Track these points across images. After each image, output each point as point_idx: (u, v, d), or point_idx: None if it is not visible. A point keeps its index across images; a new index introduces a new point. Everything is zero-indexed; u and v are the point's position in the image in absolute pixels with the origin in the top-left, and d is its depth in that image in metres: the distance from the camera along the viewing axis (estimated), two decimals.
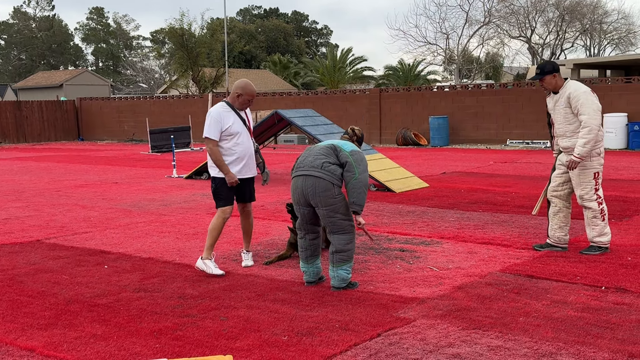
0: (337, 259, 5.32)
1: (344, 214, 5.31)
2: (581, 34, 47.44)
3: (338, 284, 5.33)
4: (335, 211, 5.28)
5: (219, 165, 5.94)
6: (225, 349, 4.07)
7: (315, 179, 5.26)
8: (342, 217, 5.31)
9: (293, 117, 12.37)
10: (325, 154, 5.37)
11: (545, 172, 13.23)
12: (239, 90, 5.99)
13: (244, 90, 5.98)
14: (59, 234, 7.96)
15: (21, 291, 5.45)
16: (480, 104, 22.04)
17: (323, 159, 5.33)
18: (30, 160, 19.48)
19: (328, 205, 5.25)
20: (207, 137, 5.91)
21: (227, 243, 7.21)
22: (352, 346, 4.09)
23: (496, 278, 5.56)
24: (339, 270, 5.32)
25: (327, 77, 47.47)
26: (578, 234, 7.20)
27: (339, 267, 5.32)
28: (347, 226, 5.34)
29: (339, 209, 5.29)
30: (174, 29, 32.59)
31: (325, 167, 5.28)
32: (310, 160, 5.38)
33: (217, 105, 6.02)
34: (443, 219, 8.38)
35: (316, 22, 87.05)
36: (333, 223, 5.30)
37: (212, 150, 5.91)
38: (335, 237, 5.34)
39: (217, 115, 5.92)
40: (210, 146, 5.92)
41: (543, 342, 4.08)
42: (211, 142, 5.91)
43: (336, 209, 5.27)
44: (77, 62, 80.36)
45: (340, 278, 5.32)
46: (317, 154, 5.40)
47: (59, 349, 4.13)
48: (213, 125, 5.90)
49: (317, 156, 5.38)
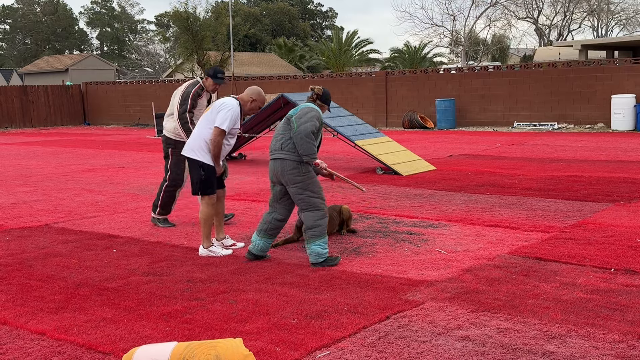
0: (310, 235, 5.52)
1: (312, 191, 5.52)
2: (589, 15, 47.00)
3: (315, 259, 5.51)
4: (304, 188, 5.50)
5: (216, 157, 5.98)
6: (235, 332, 4.09)
7: (281, 161, 5.54)
8: (311, 194, 5.52)
9: (299, 100, 12.33)
10: (283, 131, 5.63)
11: (553, 154, 13.18)
12: (254, 95, 6.07)
13: (259, 97, 6.09)
14: (67, 218, 7.99)
15: (30, 275, 5.48)
16: (487, 86, 21.92)
17: (281, 138, 5.59)
18: (36, 145, 19.52)
19: (296, 183, 5.50)
20: (221, 128, 5.88)
21: (235, 227, 7.22)
22: (361, 329, 4.09)
23: (504, 260, 5.55)
24: (312, 246, 5.51)
25: (332, 60, 47.21)
26: (586, 216, 7.18)
27: (312, 243, 5.51)
28: (317, 203, 5.54)
29: (308, 186, 5.51)
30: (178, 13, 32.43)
31: (285, 147, 5.53)
32: (274, 143, 5.67)
33: (235, 102, 6.00)
34: (450, 201, 8.36)
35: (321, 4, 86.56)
36: (302, 200, 5.53)
37: (219, 142, 5.93)
38: (307, 214, 5.54)
39: (237, 112, 5.96)
40: (219, 138, 5.92)
41: (552, 324, 4.07)
42: (221, 135, 5.92)
43: (304, 186, 5.50)
44: (82, 47, 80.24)
45: (316, 253, 5.50)
46: (278, 134, 5.67)
47: (69, 332, 4.15)
48: (231, 120, 5.92)
49: (277, 137, 5.65)
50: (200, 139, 6.01)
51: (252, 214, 7.89)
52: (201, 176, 6.01)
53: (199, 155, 5.99)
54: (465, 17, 41.35)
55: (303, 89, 25.00)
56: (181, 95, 7.27)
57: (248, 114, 6.17)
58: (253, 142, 14.70)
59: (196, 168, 6.02)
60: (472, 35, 41.24)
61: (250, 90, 6.11)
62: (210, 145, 5.95)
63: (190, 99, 7.16)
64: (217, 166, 6.03)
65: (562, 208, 7.72)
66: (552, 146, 14.85)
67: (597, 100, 19.93)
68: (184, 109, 7.19)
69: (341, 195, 9.08)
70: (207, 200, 6.05)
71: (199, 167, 6.01)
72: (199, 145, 6.00)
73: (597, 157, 12.65)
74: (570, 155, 12.99)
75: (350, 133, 11.68)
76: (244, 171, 11.98)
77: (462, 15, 55.71)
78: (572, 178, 9.93)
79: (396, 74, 24.48)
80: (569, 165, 11.53)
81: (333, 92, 24.19)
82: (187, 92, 7.23)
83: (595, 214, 7.35)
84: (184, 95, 7.25)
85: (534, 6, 44.59)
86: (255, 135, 13.47)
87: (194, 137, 6.07)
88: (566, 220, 7.08)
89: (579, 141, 15.94)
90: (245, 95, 6.07)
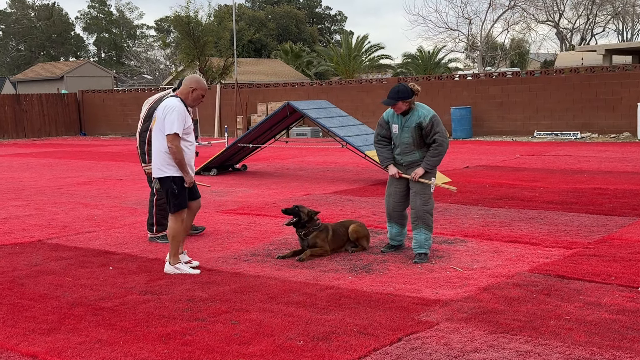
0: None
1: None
2: (613, 18, 46.96)
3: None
4: None
5: (181, 165, 5.86)
6: (237, 354, 4.08)
7: None
8: None
9: (306, 109, 12.37)
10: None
11: (576, 165, 13.14)
12: (193, 84, 5.98)
13: (199, 84, 6.00)
14: (61, 233, 8.01)
15: (22, 294, 5.49)
16: (506, 93, 21.91)
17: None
18: (30, 156, 19.64)
19: None
20: (174, 133, 5.78)
21: (238, 243, 7.22)
22: (371, 351, 4.08)
23: (524, 279, 5.52)
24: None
25: (341, 66, 47.39)
26: (611, 231, 7.14)
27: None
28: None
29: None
30: (179, 17, 32.64)
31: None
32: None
33: (176, 100, 5.93)
34: (467, 216, 8.34)
35: (330, 7, 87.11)
36: None
37: (178, 148, 5.81)
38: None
39: (183, 110, 5.87)
40: (176, 143, 5.81)
41: (576, 347, 4.04)
42: (177, 139, 5.82)
43: None
44: (78, 53, 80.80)
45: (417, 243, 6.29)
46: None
47: (62, 355, 4.15)
48: (180, 120, 5.81)
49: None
50: (161, 153, 5.92)
51: (257, 229, 7.89)
52: (174, 190, 5.92)
53: (168, 170, 5.91)
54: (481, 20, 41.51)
55: (310, 96, 25.07)
56: (146, 111, 7.17)
57: (193, 105, 6.06)
58: (257, 153, 14.74)
59: (169, 184, 5.94)
60: (489, 39, 41.29)
61: (188, 80, 6.05)
62: (170, 154, 5.86)
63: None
64: (186, 174, 5.90)
65: (585, 222, 7.68)
66: (574, 157, 14.81)
67: (623, 108, 19.88)
68: (145, 127, 7.10)
69: (351, 208, 9.07)
70: (177, 216, 6.01)
71: (171, 182, 5.92)
72: (162, 160, 5.92)
73: (623, 168, 12.59)
74: (594, 167, 12.94)
75: (360, 143, 11.69)
76: (248, 183, 12.01)
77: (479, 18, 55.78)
78: (596, 191, 9.89)
79: (409, 80, 24.51)
80: (592, 177, 11.48)
81: (342, 99, 24.25)
82: (152, 109, 7.09)
83: (621, 228, 7.31)
84: (148, 112, 7.15)
85: (555, 9, 44.62)
86: (259, 146, 13.50)
87: (155, 154, 5.98)
88: (590, 235, 7.04)
89: (603, 151, 15.89)
90: (183, 88, 6.01)
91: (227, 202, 10.01)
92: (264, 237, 7.43)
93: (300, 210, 6.47)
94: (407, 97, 6.19)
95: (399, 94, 6.18)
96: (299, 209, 6.48)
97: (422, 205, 6.31)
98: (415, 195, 6.36)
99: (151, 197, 7.42)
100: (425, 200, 6.32)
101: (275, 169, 14.28)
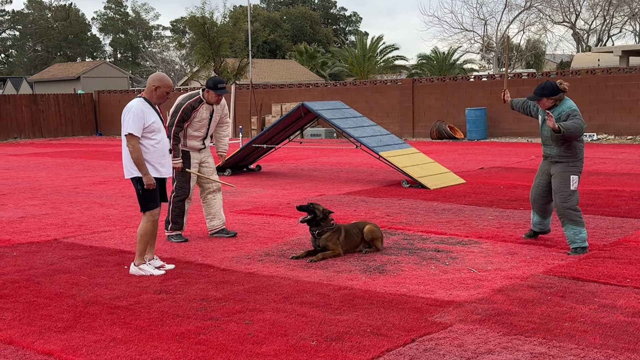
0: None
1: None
2: (630, 19, 46.59)
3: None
4: None
5: (139, 165, 5.94)
6: (251, 354, 4.09)
7: None
8: None
9: (320, 109, 12.38)
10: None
11: (592, 167, 13.06)
12: (156, 82, 6.04)
13: (162, 82, 6.05)
14: (77, 232, 8.07)
15: (38, 292, 5.54)
16: (521, 95, 21.75)
17: None
18: (46, 156, 19.79)
19: None
20: (130, 133, 5.88)
21: (252, 243, 7.24)
22: (384, 352, 4.08)
23: (539, 280, 5.50)
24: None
25: (356, 67, 47.32)
26: (628, 234, 7.09)
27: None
28: None
29: None
30: (195, 18, 32.75)
31: None
32: None
33: (135, 101, 6.02)
34: (481, 217, 8.31)
35: (344, 8, 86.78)
36: None
37: (135, 148, 5.90)
38: None
39: (139, 110, 5.93)
40: (133, 143, 5.90)
41: (590, 349, 4.02)
42: (134, 140, 5.91)
43: None
44: (94, 54, 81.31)
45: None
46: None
47: (77, 353, 4.19)
48: (136, 120, 5.89)
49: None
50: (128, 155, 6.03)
51: (270, 229, 7.91)
52: (139, 191, 6.02)
53: (135, 171, 6.00)
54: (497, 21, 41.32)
55: (324, 97, 25.08)
56: (175, 107, 7.32)
57: (158, 102, 6.10)
58: (271, 154, 14.77)
59: (135, 185, 6.06)
60: (504, 40, 41.10)
61: (151, 78, 6.10)
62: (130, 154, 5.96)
63: (180, 112, 7.21)
64: (144, 175, 5.94)
65: (601, 224, 7.64)
66: (590, 158, 14.70)
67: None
68: (171, 122, 7.23)
69: (365, 209, 9.07)
70: (148, 216, 6.07)
71: (137, 183, 6.03)
72: (128, 160, 6.02)
73: (639, 170, 12.49)
74: (610, 168, 12.85)
75: (374, 144, 11.68)
76: (262, 184, 12.03)
77: (494, 19, 55.50)
78: (612, 192, 9.82)
79: (424, 81, 24.46)
80: (609, 178, 11.40)
81: (356, 100, 24.23)
82: (179, 105, 7.28)
83: (637, 231, 7.26)
84: (176, 107, 7.30)
85: (571, 10, 44.36)
86: (273, 146, 13.52)
87: (124, 157, 6.08)
88: (606, 237, 7.00)
89: (619, 153, 15.77)
90: (147, 87, 6.08)
91: (241, 202, 10.04)
92: (278, 238, 7.45)
93: (315, 208, 6.48)
94: (550, 94, 6.34)
95: (543, 91, 6.37)
96: (314, 207, 6.49)
97: (562, 202, 6.42)
98: (555, 194, 6.50)
99: (171, 194, 7.48)
100: (565, 197, 6.42)
101: (289, 169, 14.30)
